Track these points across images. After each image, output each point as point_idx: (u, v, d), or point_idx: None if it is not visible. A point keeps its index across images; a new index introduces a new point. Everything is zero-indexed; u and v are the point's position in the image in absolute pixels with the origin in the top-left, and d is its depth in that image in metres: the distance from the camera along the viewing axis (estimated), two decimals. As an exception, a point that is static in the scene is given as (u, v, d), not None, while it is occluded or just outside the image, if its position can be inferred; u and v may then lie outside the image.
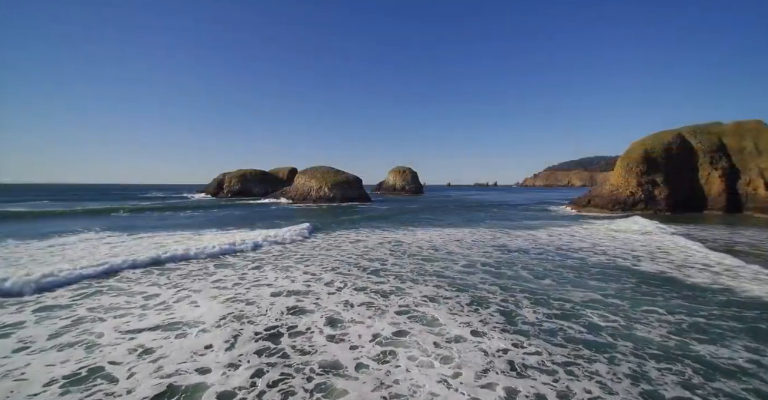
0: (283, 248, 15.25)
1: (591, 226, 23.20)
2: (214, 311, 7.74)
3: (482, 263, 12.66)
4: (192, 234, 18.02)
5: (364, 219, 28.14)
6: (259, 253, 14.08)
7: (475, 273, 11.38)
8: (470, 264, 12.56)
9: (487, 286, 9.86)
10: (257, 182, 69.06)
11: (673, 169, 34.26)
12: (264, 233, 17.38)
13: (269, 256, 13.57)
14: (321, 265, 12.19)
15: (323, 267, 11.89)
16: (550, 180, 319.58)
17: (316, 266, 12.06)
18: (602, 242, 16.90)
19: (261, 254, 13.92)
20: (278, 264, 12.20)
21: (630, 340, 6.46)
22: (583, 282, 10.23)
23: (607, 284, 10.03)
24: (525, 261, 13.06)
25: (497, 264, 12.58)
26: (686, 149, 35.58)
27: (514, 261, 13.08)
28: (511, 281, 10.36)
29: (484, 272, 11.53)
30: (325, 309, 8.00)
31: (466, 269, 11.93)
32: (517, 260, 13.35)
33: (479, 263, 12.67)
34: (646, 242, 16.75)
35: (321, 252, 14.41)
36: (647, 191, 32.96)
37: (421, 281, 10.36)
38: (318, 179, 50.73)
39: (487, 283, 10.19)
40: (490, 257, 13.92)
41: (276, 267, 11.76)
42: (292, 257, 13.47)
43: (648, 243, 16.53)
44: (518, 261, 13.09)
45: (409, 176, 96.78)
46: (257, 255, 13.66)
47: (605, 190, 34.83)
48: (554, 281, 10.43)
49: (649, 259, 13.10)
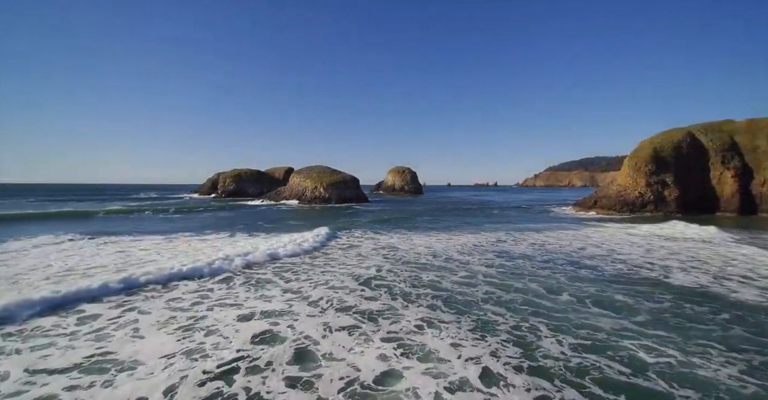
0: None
1: (603, 229, 21.64)
2: (159, 344, 6.15)
3: (484, 274, 11.12)
4: (163, 239, 16.40)
5: (358, 222, 26.54)
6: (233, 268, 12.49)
7: (477, 285, 9.84)
8: (471, 275, 11.02)
9: (492, 305, 8.29)
10: (252, 182, 67.44)
11: (684, 168, 32.73)
12: (244, 243, 15.77)
13: (241, 267, 11.97)
14: (304, 277, 10.60)
15: (307, 279, 10.31)
16: (550, 180, 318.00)
17: (299, 278, 10.47)
18: (619, 248, 15.33)
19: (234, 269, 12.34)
20: (252, 277, 10.60)
21: (692, 385, 4.89)
22: (608, 299, 8.64)
23: (638, 302, 8.44)
24: (533, 271, 11.51)
25: (501, 275, 11.04)
26: (697, 148, 34.05)
27: (521, 271, 11.55)
28: (520, 297, 8.80)
29: (487, 284, 9.98)
30: (300, 336, 6.42)
31: (466, 280, 10.38)
32: (523, 269, 11.80)
33: (480, 274, 11.13)
34: (675, 249, 15.07)
35: (305, 260, 12.83)
36: (656, 192, 31.42)
37: (416, 297, 8.82)
38: (313, 179, 49.12)
39: (492, 300, 8.64)
40: (493, 265, 12.38)
41: (248, 281, 10.15)
42: (268, 265, 11.89)
43: (678, 250, 14.85)
44: (525, 271, 11.55)
45: (409, 176, 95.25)
46: (231, 269, 12.07)
47: (612, 191, 33.28)
48: (572, 297, 8.85)
49: (680, 269, 11.52)
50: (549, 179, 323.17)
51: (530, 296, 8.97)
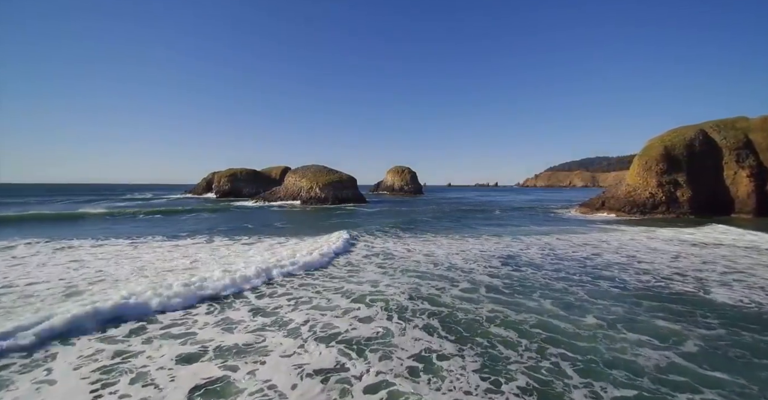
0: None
1: (616, 233, 20.05)
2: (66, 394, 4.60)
3: (489, 286, 9.63)
4: (128, 245, 14.84)
5: (353, 224, 24.99)
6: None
7: (481, 302, 8.34)
8: (474, 287, 9.53)
9: (500, 328, 6.79)
10: (248, 182, 65.90)
11: (696, 168, 31.11)
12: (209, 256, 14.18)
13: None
14: (282, 291, 9.04)
15: (285, 294, 8.76)
16: (551, 181, 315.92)
17: (276, 294, 8.91)
18: (641, 256, 13.77)
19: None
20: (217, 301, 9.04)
21: None
22: (643, 323, 7.08)
23: (682, 327, 6.87)
24: (544, 283, 9.98)
25: (509, 288, 9.52)
26: (709, 146, 32.43)
27: (531, 282, 10.03)
28: (533, 319, 7.26)
29: (492, 301, 8.45)
30: (263, 386, 4.84)
31: (469, 294, 8.86)
32: (533, 280, 10.28)
33: (484, 286, 9.67)
34: (708, 257, 13.42)
35: (285, 270, 11.24)
36: (668, 192, 29.81)
37: (412, 314, 7.35)
38: (309, 179, 47.57)
39: (500, 321, 7.17)
40: (498, 274, 10.86)
41: (211, 311, 8.57)
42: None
43: (710, 257, 13.22)
44: (535, 282, 10.02)
45: (408, 176, 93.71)
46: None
47: (621, 192, 31.68)
48: (598, 319, 7.29)
49: (719, 283, 9.92)
50: (550, 179, 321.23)
51: (546, 316, 7.43)
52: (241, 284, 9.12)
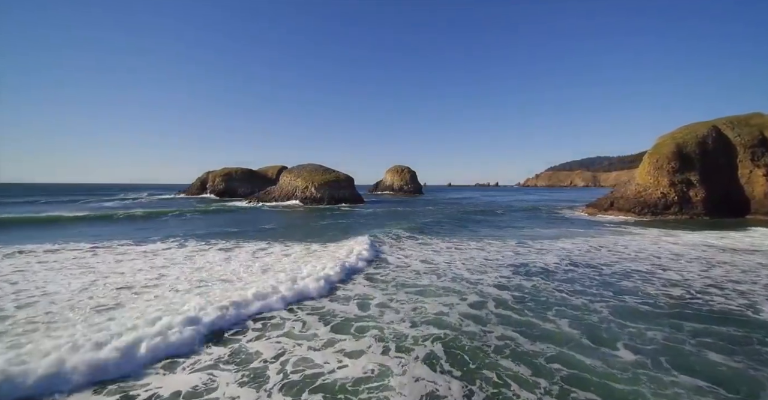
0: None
1: (631, 236, 18.50)
2: None
3: (498, 301, 8.23)
4: (88, 251, 13.35)
5: (344, 225, 23.48)
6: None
7: (489, 322, 6.97)
8: (481, 302, 8.11)
9: (512, 362, 5.44)
10: (243, 181, 64.37)
11: (710, 166, 29.55)
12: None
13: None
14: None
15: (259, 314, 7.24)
16: (552, 180, 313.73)
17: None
18: (665, 263, 12.24)
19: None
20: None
21: None
22: (695, 359, 5.57)
23: (746, 366, 5.35)
24: (560, 298, 8.52)
25: (520, 302, 8.15)
26: (723, 144, 30.89)
27: (544, 296, 8.60)
28: (551, 348, 5.87)
29: (502, 320, 7.06)
30: None
31: (476, 312, 7.43)
32: (547, 293, 8.82)
33: (492, 300, 8.26)
34: (745, 265, 11.84)
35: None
36: (681, 192, 28.24)
37: (412, 342, 5.93)
38: (304, 178, 46.03)
39: (510, 350, 5.82)
40: (508, 286, 9.40)
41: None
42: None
43: (749, 266, 11.65)
44: (550, 296, 8.58)
45: (408, 176, 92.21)
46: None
47: (630, 191, 30.11)
48: (633, 350, 5.83)
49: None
50: (551, 179, 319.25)
51: (565, 346, 5.97)
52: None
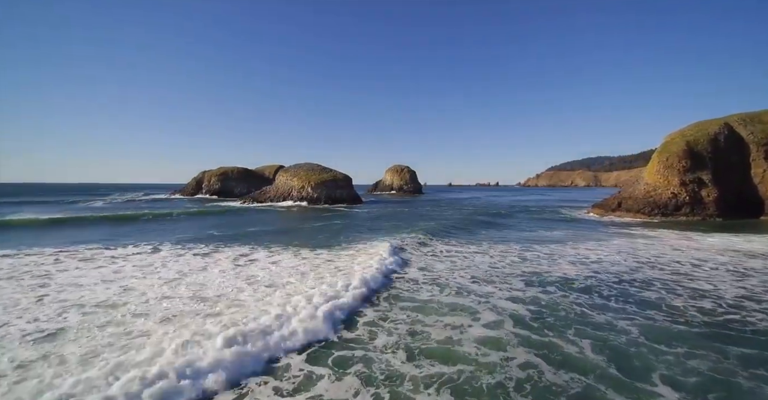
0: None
1: (646, 239, 17.21)
2: None
3: (516, 320, 6.99)
4: (51, 255, 12.08)
5: (340, 230, 22.24)
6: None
7: (507, 346, 5.83)
8: (497, 322, 6.88)
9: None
10: (239, 181, 63.10)
11: (722, 165, 28.29)
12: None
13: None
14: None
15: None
16: (553, 180, 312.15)
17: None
18: (690, 271, 10.98)
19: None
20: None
21: None
22: (755, 397, 4.33)
23: None
24: (582, 314, 7.35)
25: (538, 319, 6.99)
26: (735, 142, 29.61)
27: (564, 312, 7.43)
28: (580, 382, 4.81)
29: (521, 341, 5.91)
30: None
31: (490, 335, 6.17)
32: (567, 308, 7.63)
33: (509, 319, 7.02)
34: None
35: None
36: (692, 192, 26.97)
37: (412, 387, 4.62)
38: (300, 178, 44.73)
39: (530, 386, 4.66)
40: (524, 299, 8.18)
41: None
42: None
43: None
44: (570, 312, 7.41)
45: (408, 175, 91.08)
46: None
47: (639, 191, 28.85)
48: (676, 390, 4.59)
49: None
50: (551, 179, 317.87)
51: (591, 375, 4.90)
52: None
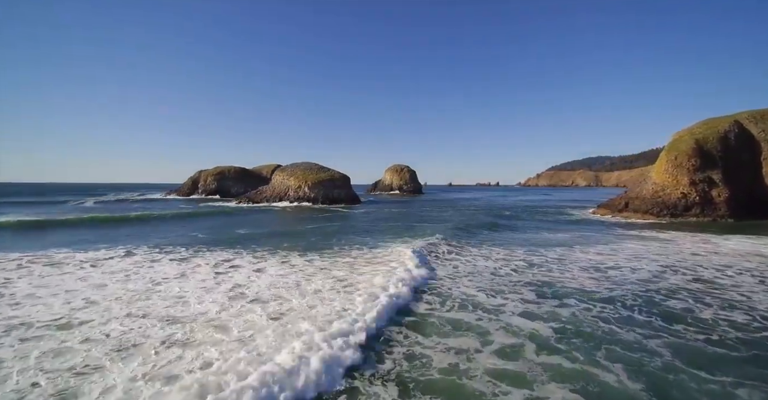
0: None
1: (660, 243, 16.19)
2: None
3: (533, 338, 5.99)
4: (23, 258, 11.05)
5: (333, 232, 21.24)
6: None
7: (534, 379, 4.74)
8: (514, 346, 5.81)
9: None
10: (236, 181, 62.04)
11: (732, 164, 27.26)
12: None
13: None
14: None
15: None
16: (553, 180, 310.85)
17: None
18: (716, 278, 9.98)
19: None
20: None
21: None
22: None
23: None
24: (607, 329, 6.41)
25: (563, 340, 5.97)
26: (746, 140, 28.60)
27: (587, 327, 6.51)
28: None
29: (548, 367, 4.83)
30: None
31: (509, 366, 5.08)
32: (590, 324, 6.67)
33: (527, 338, 5.99)
34: None
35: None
36: (702, 192, 25.94)
37: None
38: (297, 177, 43.70)
39: None
40: (539, 315, 7.15)
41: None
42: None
43: None
44: (594, 328, 6.45)
45: (408, 175, 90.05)
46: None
47: (647, 191, 27.82)
48: None
49: None
50: (552, 179, 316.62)
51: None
52: None
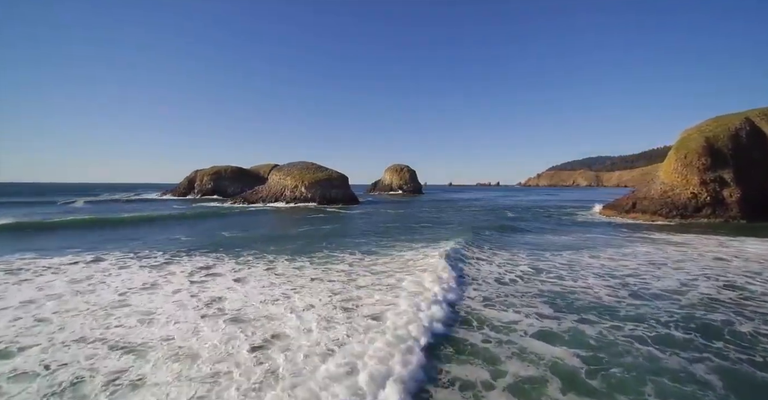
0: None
1: (676, 247, 15.14)
2: None
3: (561, 373, 4.87)
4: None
5: (325, 235, 20.24)
6: None
7: None
8: (534, 383, 4.73)
9: None
10: (233, 180, 61.05)
11: (744, 163, 26.22)
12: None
13: None
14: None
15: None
16: (554, 180, 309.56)
17: None
18: (746, 285, 8.96)
19: None
20: None
21: None
22: None
23: None
24: (645, 352, 5.46)
25: (596, 373, 4.81)
26: (757, 137, 27.57)
27: (621, 350, 5.50)
28: None
29: None
30: None
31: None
32: (624, 347, 5.67)
33: (549, 370, 4.91)
34: None
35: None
36: (714, 192, 24.91)
37: None
38: (294, 177, 42.67)
39: None
40: (559, 335, 6.10)
41: None
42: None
43: None
44: (630, 352, 5.47)
45: (407, 175, 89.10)
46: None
47: (655, 191, 26.78)
48: None
49: None
50: (552, 179, 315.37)
51: None
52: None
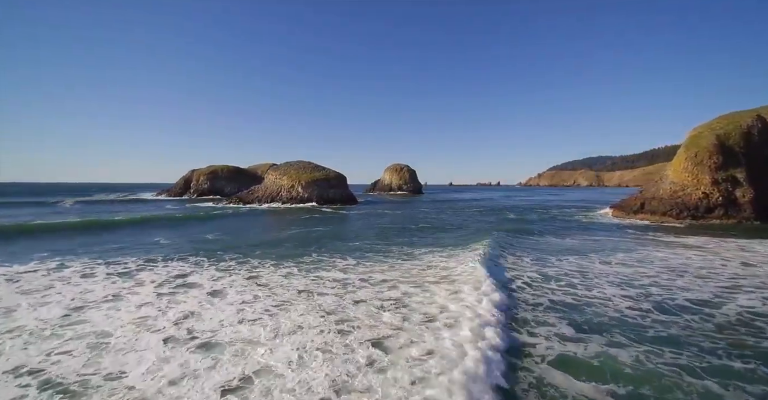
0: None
1: (692, 250, 14.12)
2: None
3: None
4: None
5: (317, 238, 19.28)
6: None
7: None
8: None
9: None
10: (230, 180, 60.04)
11: (757, 162, 25.19)
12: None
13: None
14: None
15: None
16: (555, 180, 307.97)
17: None
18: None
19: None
20: None
21: None
22: None
23: None
24: (687, 386, 4.27)
25: None
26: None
27: (655, 381, 4.36)
28: None
29: None
30: None
31: None
32: (661, 376, 4.58)
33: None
34: None
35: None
36: (726, 192, 23.88)
37: None
38: (290, 176, 41.65)
39: None
40: (586, 363, 4.99)
41: None
42: None
43: None
44: (687, 390, 4.25)
45: (407, 175, 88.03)
46: None
47: (664, 191, 25.75)
48: None
49: None
50: (553, 178, 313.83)
51: None
52: None
